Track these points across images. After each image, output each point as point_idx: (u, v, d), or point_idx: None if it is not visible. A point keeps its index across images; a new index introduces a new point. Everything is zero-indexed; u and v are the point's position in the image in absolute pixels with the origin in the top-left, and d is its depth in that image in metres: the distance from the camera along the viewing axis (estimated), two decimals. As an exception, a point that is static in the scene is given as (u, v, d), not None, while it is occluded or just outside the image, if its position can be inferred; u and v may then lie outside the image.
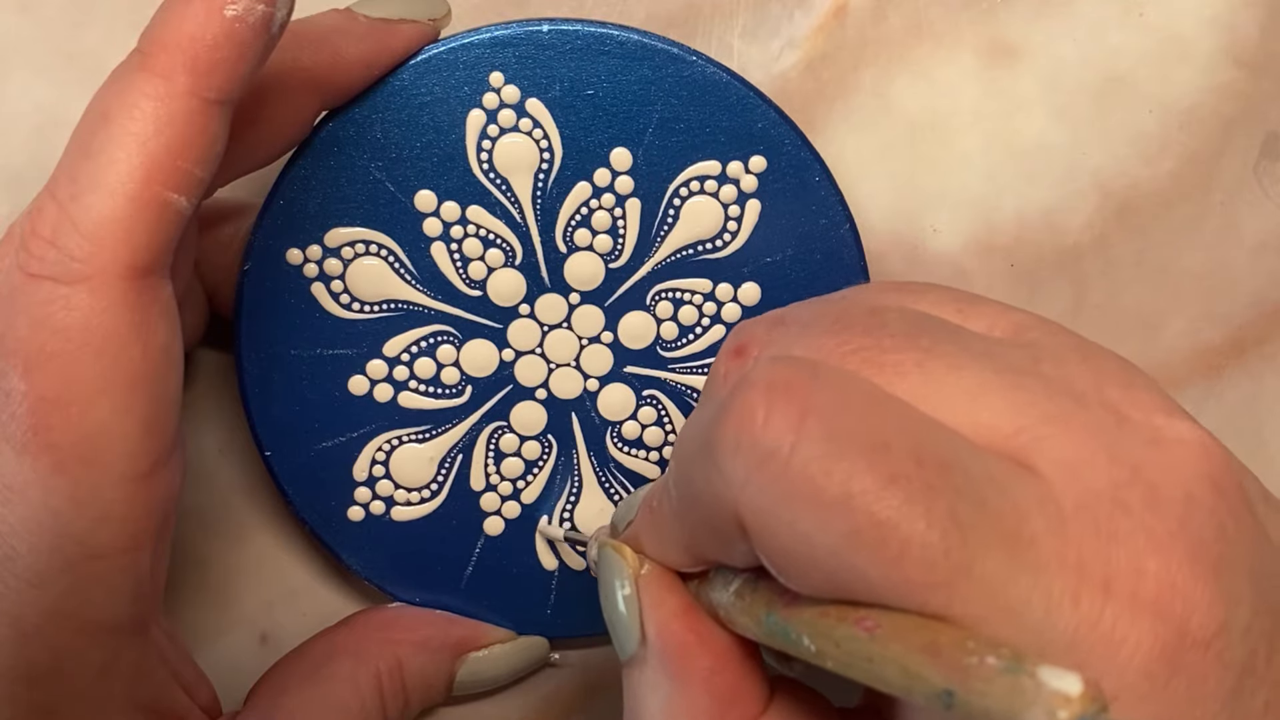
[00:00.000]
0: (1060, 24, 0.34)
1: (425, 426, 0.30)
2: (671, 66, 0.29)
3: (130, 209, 0.23)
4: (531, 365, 0.30)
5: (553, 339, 0.30)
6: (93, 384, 0.23)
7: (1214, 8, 0.34)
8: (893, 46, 0.33)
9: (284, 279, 0.29)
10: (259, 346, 0.29)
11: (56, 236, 0.23)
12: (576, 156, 0.29)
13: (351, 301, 0.30)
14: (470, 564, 0.31)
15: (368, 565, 0.31)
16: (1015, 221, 0.32)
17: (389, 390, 0.30)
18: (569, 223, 0.30)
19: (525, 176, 0.29)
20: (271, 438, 0.30)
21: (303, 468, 0.30)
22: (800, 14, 0.33)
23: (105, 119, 0.23)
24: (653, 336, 0.30)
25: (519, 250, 0.30)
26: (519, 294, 0.30)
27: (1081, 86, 0.33)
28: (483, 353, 0.30)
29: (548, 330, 0.30)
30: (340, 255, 0.29)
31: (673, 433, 0.31)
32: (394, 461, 0.30)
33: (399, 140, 0.29)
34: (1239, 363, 0.34)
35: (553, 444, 0.31)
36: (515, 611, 0.31)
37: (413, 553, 0.31)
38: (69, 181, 0.23)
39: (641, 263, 0.30)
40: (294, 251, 0.29)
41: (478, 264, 0.30)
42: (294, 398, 0.30)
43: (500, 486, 0.31)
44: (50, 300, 0.23)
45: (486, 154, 0.29)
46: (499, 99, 0.29)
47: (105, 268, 0.23)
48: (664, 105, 0.29)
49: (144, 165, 0.23)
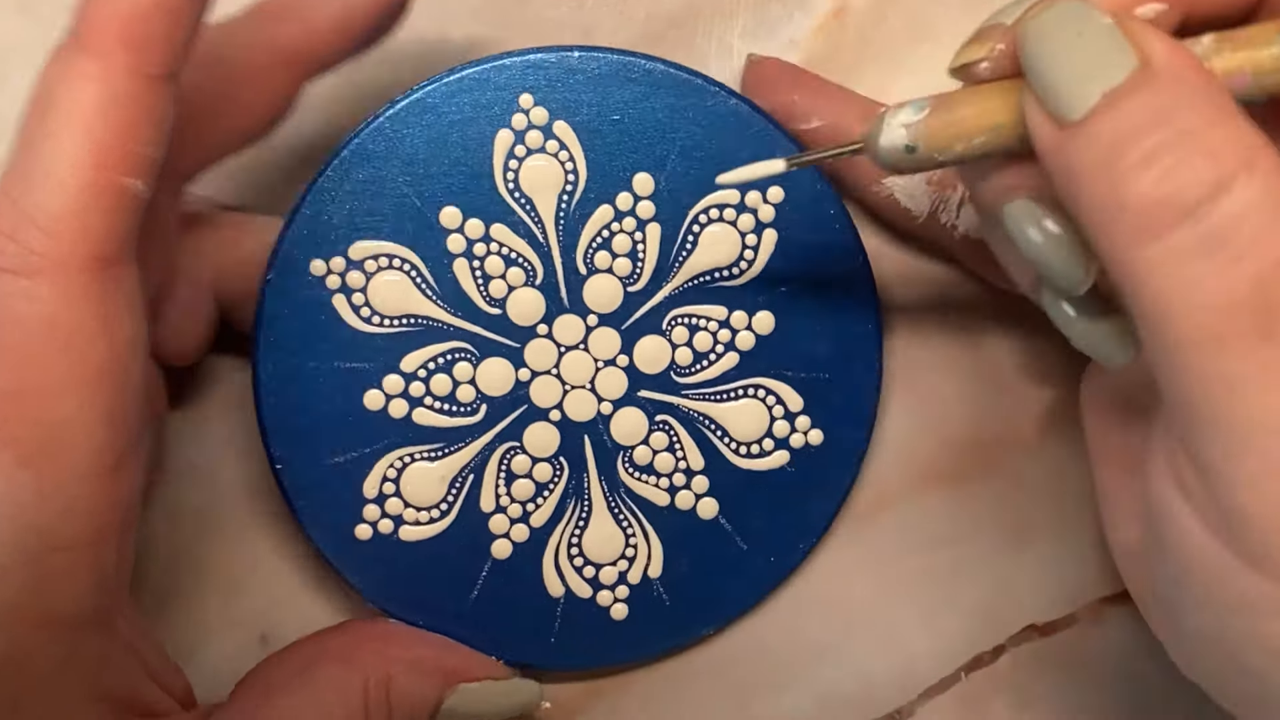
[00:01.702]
0: (1060, 24, 0.34)
1: (438, 445, 0.30)
2: (695, 96, 0.30)
3: (84, 199, 0.23)
4: (547, 386, 0.30)
5: (569, 360, 0.30)
6: (57, 377, 0.23)
7: (1214, 7, 0.34)
8: (893, 47, 0.33)
9: (306, 289, 0.29)
10: (277, 357, 0.30)
11: (15, 231, 0.23)
12: (600, 180, 0.30)
13: (372, 315, 0.30)
14: (476, 588, 0.31)
15: (371, 585, 0.31)
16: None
17: (404, 406, 0.30)
18: (590, 245, 0.30)
19: (550, 197, 0.30)
20: (284, 449, 0.30)
21: (313, 482, 0.30)
22: (800, 14, 0.33)
23: (48, 107, 0.23)
24: (667, 361, 0.31)
25: (540, 270, 0.30)
26: (538, 313, 0.30)
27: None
28: (499, 371, 0.30)
29: (564, 351, 0.30)
30: (363, 268, 0.30)
31: (683, 459, 0.31)
32: (405, 479, 0.30)
33: (427, 156, 0.29)
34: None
35: (564, 467, 0.31)
36: (518, 639, 0.31)
37: (418, 575, 0.30)
38: (20, 177, 0.23)
39: (659, 287, 0.30)
40: (318, 262, 0.29)
41: (498, 282, 0.30)
42: (308, 410, 0.30)
43: (510, 509, 0.31)
44: (10, 293, 0.23)
45: (513, 174, 0.30)
46: (528, 120, 0.30)
47: (65, 260, 0.23)
48: (687, 134, 0.30)
49: (93, 152, 0.23)
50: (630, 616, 0.31)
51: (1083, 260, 0.23)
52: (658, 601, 0.31)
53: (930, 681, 0.33)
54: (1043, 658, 0.33)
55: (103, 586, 0.25)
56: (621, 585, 0.31)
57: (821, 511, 0.31)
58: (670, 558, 0.31)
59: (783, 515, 0.31)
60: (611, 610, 0.31)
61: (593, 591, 0.31)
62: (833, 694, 0.33)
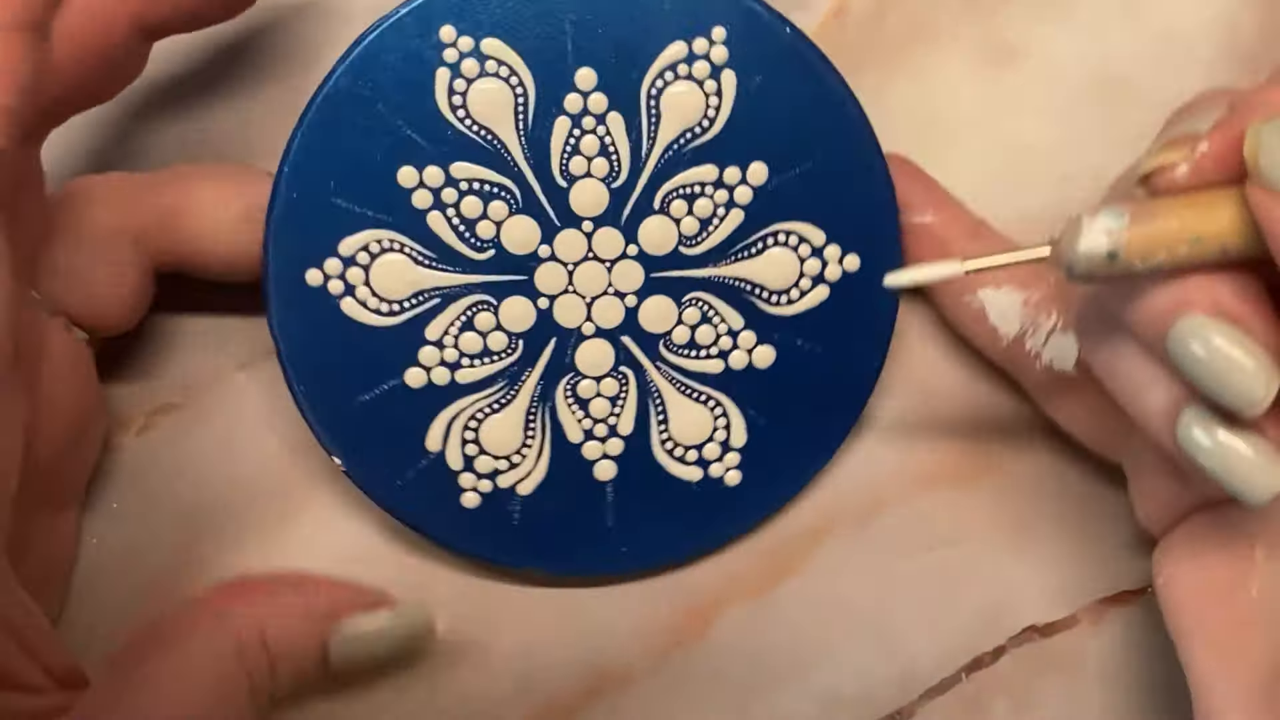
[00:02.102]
0: (1060, 24, 0.34)
1: (494, 392, 0.31)
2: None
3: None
4: (569, 305, 0.30)
5: (580, 274, 0.30)
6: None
7: (1214, 8, 0.34)
8: (893, 47, 0.33)
9: (312, 303, 0.30)
10: (316, 389, 0.30)
11: None
12: (547, 85, 0.29)
13: (381, 304, 0.30)
14: (608, 515, 0.31)
15: (496, 548, 0.31)
16: (1015, 221, 0.32)
17: (445, 374, 0.30)
18: (562, 155, 0.30)
19: (507, 117, 0.30)
20: (362, 472, 0.31)
21: (404, 492, 0.31)
22: (800, 14, 0.33)
23: None
24: (675, 238, 0.30)
25: (519, 194, 0.30)
26: (534, 238, 0.30)
27: (1081, 86, 0.34)
28: (520, 309, 0.30)
29: (573, 268, 0.30)
30: (357, 262, 0.30)
31: (723, 325, 0.31)
32: (483, 436, 0.31)
33: (370, 129, 0.29)
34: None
35: (627, 374, 0.31)
36: (665, 539, 0.32)
37: (541, 525, 0.31)
38: None
39: (640, 170, 0.30)
40: (313, 272, 0.29)
41: (485, 223, 0.30)
42: (369, 434, 0.30)
43: (596, 429, 0.31)
44: None
45: (462, 109, 0.29)
46: (457, 52, 0.29)
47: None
48: (609, 13, 0.29)
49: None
50: (745, 481, 0.32)
51: (1266, 376, 0.23)
52: (763, 455, 0.32)
53: (930, 682, 0.33)
54: (1043, 658, 0.33)
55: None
56: (731, 453, 0.31)
57: (876, 328, 0.31)
58: (754, 408, 0.31)
59: (837, 347, 0.31)
60: (725, 479, 0.32)
61: (702, 472, 0.31)
62: (833, 694, 0.33)
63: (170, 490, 0.32)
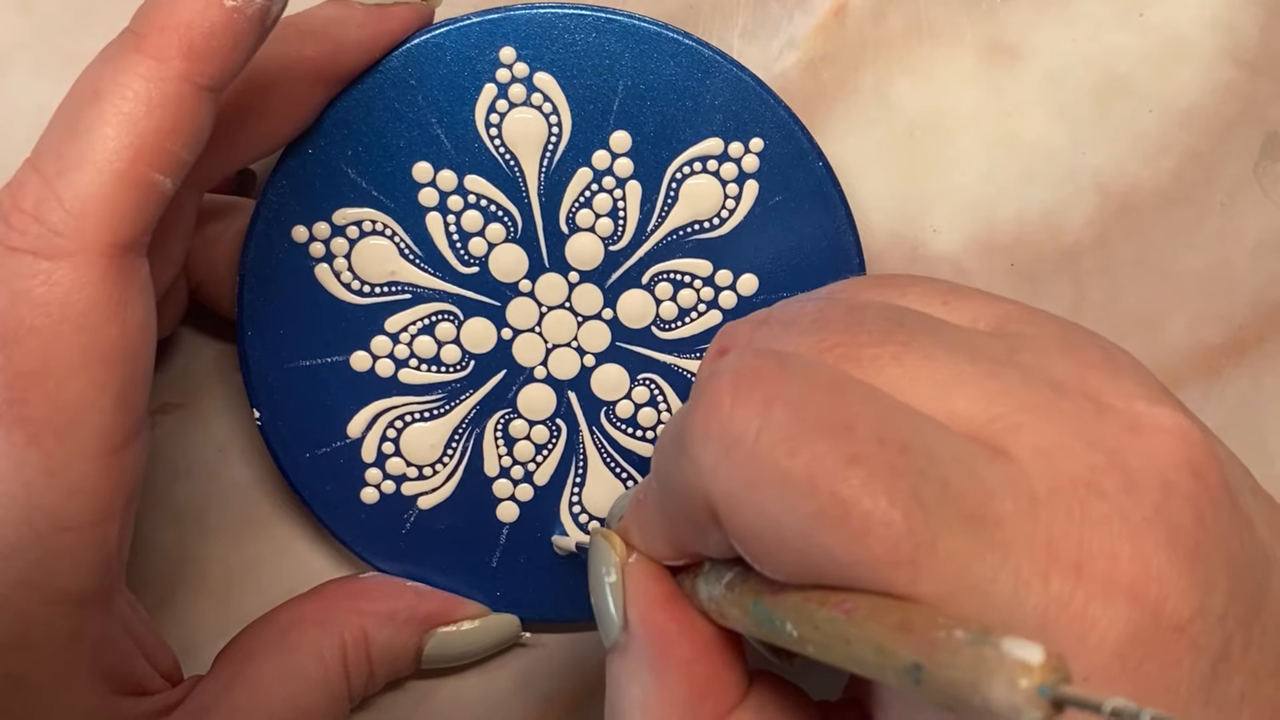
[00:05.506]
0: (1060, 24, 0.34)
1: (430, 401, 0.30)
2: (672, 51, 0.30)
3: (117, 187, 0.23)
4: (530, 344, 0.30)
5: (551, 319, 0.30)
6: (71, 359, 0.23)
7: (1214, 8, 0.34)
8: (893, 46, 0.33)
9: (288, 258, 0.30)
10: (264, 355, 0.30)
11: (40, 211, 0.23)
12: (582, 134, 0.30)
13: (353, 281, 0.30)
14: (496, 552, 0.31)
15: (379, 550, 0.31)
16: (1015, 221, 0.32)
17: (390, 366, 0.30)
18: (573, 204, 0.30)
19: (534, 151, 0.30)
20: (280, 441, 0.30)
21: (312, 457, 0.31)
22: (800, 14, 0.33)
23: (96, 97, 0.23)
24: (651, 316, 0.30)
25: (520, 224, 0.30)
26: (520, 270, 0.30)
27: (1081, 86, 0.33)
28: (482, 331, 0.30)
29: (546, 311, 0.30)
30: (346, 234, 0.30)
31: (668, 412, 0.31)
32: (404, 440, 0.30)
33: (408, 117, 0.29)
34: (1239, 362, 0.33)
35: (561, 427, 0.31)
36: (540, 596, 0.31)
37: (433, 540, 0.31)
38: (55, 157, 0.23)
39: (641, 243, 0.30)
40: (300, 229, 0.30)
41: (478, 240, 0.30)
42: (299, 394, 0.30)
43: (513, 470, 0.31)
44: (31, 274, 0.23)
45: (496, 128, 0.30)
46: (510, 74, 0.30)
47: (88, 244, 0.23)
48: (665, 89, 0.30)
49: (133, 144, 0.23)
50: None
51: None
52: None
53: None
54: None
55: (106, 565, 0.25)
56: None
57: None
58: None
59: None
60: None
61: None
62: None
63: (170, 490, 0.32)
